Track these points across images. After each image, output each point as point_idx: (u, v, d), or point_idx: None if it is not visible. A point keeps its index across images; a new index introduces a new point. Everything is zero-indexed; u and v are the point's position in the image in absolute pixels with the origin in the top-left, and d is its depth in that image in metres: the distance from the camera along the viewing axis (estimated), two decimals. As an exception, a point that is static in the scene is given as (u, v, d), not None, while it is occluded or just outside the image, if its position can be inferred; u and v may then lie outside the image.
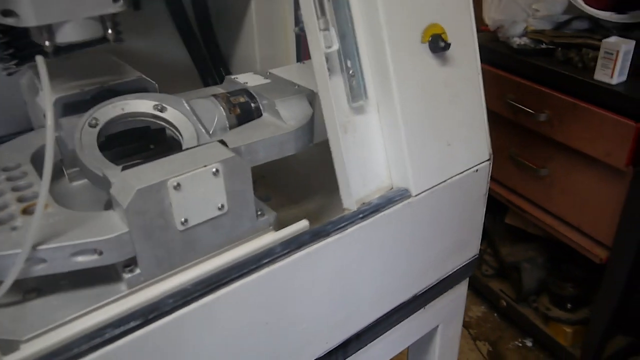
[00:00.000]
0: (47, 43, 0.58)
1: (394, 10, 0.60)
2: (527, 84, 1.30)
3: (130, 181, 0.50)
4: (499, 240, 1.66)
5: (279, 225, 0.61)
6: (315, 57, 0.59)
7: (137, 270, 0.53)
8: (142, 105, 0.66)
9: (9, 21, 0.55)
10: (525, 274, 1.55)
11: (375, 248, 0.64)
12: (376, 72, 0.62)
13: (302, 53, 0.95)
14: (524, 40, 1.33)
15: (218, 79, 1.03)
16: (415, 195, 0.65)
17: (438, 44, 0.63)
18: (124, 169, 0.53)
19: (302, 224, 0.61)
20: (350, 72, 0.60)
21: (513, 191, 1.47)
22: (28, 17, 0.55)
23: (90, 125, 0.62)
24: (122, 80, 0.70)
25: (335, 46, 0.58)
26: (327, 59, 0.58)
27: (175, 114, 0.66)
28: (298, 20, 0.90)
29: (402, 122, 0.62)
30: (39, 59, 0.48)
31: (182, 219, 0.53)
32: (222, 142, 0.58)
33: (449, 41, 0.63)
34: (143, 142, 0.75)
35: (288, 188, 0.84)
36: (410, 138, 0.63)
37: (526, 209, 1.43)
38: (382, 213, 0.62)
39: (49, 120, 0.47)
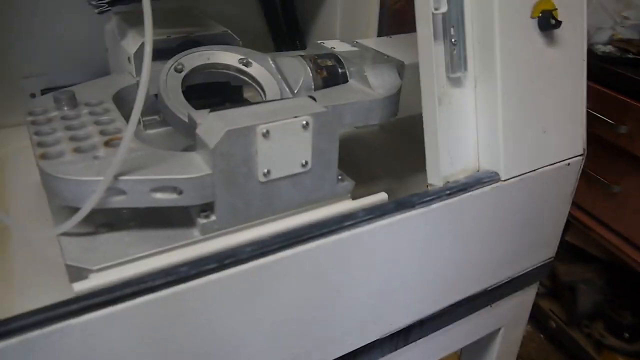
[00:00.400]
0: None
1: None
2: (609, 93, 1.23)
3: (219, 122, 0.48)
4: (557, 257, 1.59)
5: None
6: (421, 17, 0.55)
7: (213, 217, 0.51)
8: (227, 57, 0.64)
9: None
10: (580, 296, 1.47)
11: (457, 230, 0.60)
12: (479, 42, 0.58)
13: (384, 31, 0.92)
14: (609, 49, 1.27)
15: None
16: (505, 180, 0.61)
17: (548, 21, 0.59)
18: (212, 111, 0.51)
19: (381, 196, 0.59)
20: (453, 40, 0.57)
21: (579, 207, 1.40)
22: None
23: (176, 70, 0.61)
24: (208, 32, 0.69)
25: (444, 8, 0.54)
26: (433, 22, 0.55)
27: (259, 70, 0.64)
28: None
29: (500, 100, 0.58)
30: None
31: (265, 170, 0.51)
32: (312, 98, 0.55)
33: (559, 19, 0.59)
34: (220, 98, 0.73)
35: (350, 170, 0.82)
36: (507, 118, 0.59)
37: (592, 226, 1.35)
38: (469, 193, 0.58)
39: (147, 47, 0.45)
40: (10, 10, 0.84)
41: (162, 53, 0.65)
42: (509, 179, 0.61)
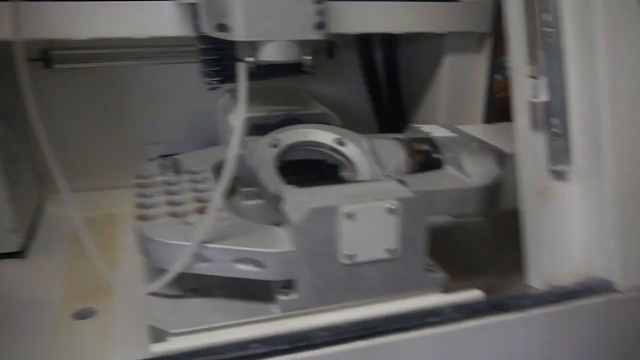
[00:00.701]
0: (249, 59, 0.60)
1: (617, 70, 0.53)
2: None
3: (303, 199, 0.49)
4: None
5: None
6: (518, 105, 0.53)
7: (294, 295, 0.50)
8: (323, 136, 0.66)
9: (221, 35, 0.59)
10: None
11: (556, 345, 0.54)
12: (586, 133, 0.54)
13: (491, 119, 0.90)
14: None
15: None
16: (621, 291, 0.54)
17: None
18: (300, 187, 0.52)
19: (476, 293, 0.55)
20: (555, 130, 0.54)
21: None
22: (239, 32, 0.57)
23: (271, 145, 0.63)
24: (308, 111, 0.71)
25: (543, 97, 0.52)
26: (531, 111, 0.53)
27: (354, 150, 0.65)
28: (498, 69, 0.86)
29: (613, 197, 0.53)
30: (240, 66, 0.50)
31: (349, 253, 0.50)
32: (402, 181, 0.54)
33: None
34: (315, 175, 0.75)
35: (446, 260, 0.78)
36: (622, 218, 0.54)
37: None
38: (578, 302, 0.53)
39: (238, 122, 0.47)
40: (141, 85, 0.93)
41: (262, 129, 0.68)
42: (626, 290, 0.54)
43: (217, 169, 0.65)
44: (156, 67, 0.92)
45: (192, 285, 0.54)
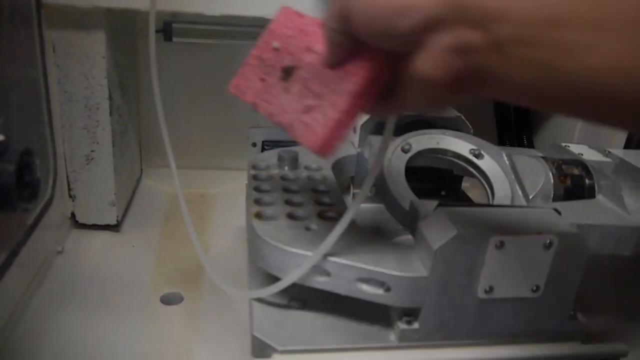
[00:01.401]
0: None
1: None
2: None
3: (447, 222, 0.42)
4: None
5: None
6: None
7: (416, 325, 0.44)
8: (458, 145, 0.59)
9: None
10: None
11: None
12: None
13: (634, 141, 0.79)
14: None
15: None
16: None
17: None
18: (439, 205, 0.46)
19: (618, 347, 0.47)
20: None
21: None
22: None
23: (403, 150, 0.57)
24: (440, 115, 0.64)
25: None
26: None
27: (491, 165, 0.57)
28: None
29: None
30: None
31: (488, 286, 0.43)
32: (557, 211, 0.47)
33: None
34: (435, 185, 0.68)
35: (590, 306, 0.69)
36: None
37: None
38: None
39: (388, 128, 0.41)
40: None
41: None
42: None
43: (335, 167, 0.60)
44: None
45: (299, 296, 0.48)
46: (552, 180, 0.55)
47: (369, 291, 0.43)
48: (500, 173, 0.56)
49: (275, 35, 0.38)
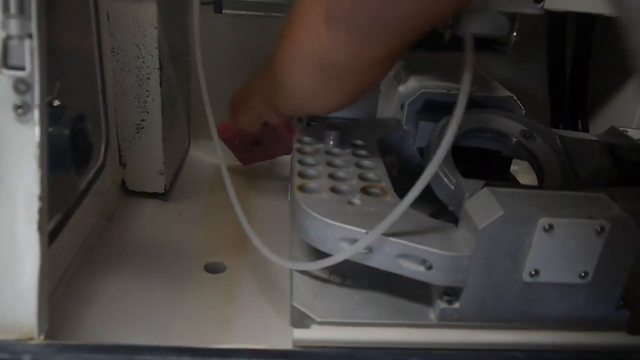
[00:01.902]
0: (447, 30, 0.53)
1: None
2: None
3: (494, 201, 0.41)
4: None
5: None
6: None
7: (456, 304, 0.44)
8: (509, 125, 0.57)
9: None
10: None
11: None
12: None
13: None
14: None
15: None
16: None
17: None
18: (486, 185, 0.45)
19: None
20: None
21: None
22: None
23: (451, 128, 0.55)
24: (491, 94, 0.62)
25: None
26: None
27: (542, 147, 0.56)
28: None
29: None
30: (468, 36, 0.42)
31: (533, 270, 0.42)
32: (612, 198, 0.45)
33: None
34: (482, 167, 0.66)
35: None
36: None
37: None
38: None
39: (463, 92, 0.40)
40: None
41: (436, 106, 0.60)
42: None
43: (380, 144, 0.59)
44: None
45: (339, 270, 0.49)
46: (606, 165, 0.53)
47: (410, 268, 0.43)
48: (552, 156, 0.55)
49: None
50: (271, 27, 0.84)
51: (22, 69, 0.34)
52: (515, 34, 0.53)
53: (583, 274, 0.42)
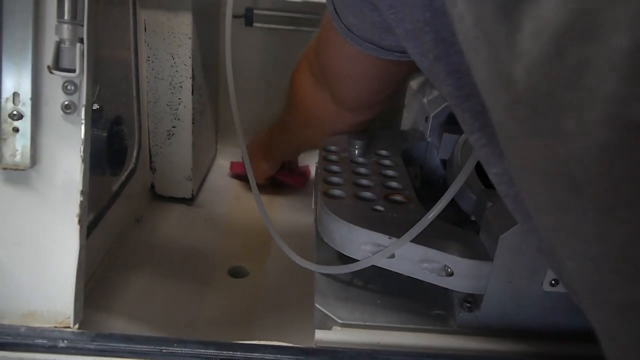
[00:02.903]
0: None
1: None
2: None
3: (515, 210, 0.42)
4: None
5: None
6: None
7: (477, 312, 0.44)
8: (532, 139, 0.58)
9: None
10: None
11: None
12: None
13: None
14: None
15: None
16: None
17: None
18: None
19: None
20: None
21: None
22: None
23: (474, 141, 0.57)
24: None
25: None
26: None
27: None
28: None
29: None
30: None
31: (553, 279, 0.42)
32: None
33: None
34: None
35: None
36: None
37: None
38: None
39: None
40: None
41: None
42: None
43: (404, 154, 0.61)
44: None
45: (362, 274, 0.50)
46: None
47: (431, 274, 0.44)
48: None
49: None
50: (299, 41, 0.88)
51: (73, 70, 0.36)
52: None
53: (603, 286, 0.43)
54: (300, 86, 0.64)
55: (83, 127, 0.38)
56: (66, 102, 0.37)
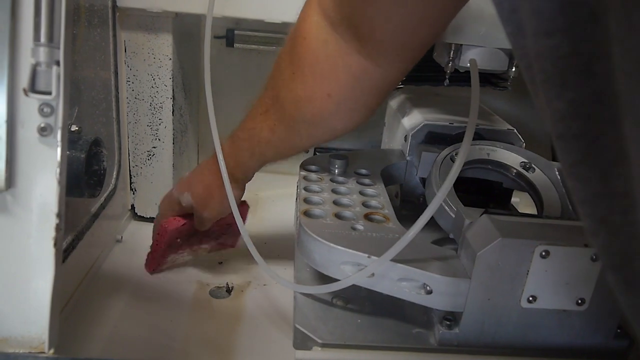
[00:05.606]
0: (449, 64, 0.55)
1: None
2: None
3: (492, 228, 0.43)
4: None
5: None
6: None
7: (456, 329, 0.44)
8: (509, 157, 0.59)
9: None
10: None
11: None
12: None
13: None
14: None
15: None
16: None
17: None
18: (485, 213, 0.46)
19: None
20: None
21: None
22: (445, 34, 0.53)
23: (452, 160, 0.57)
24: (492, 127, 0.64)
25: None
26: None
27: (541, 179, 0.57)
28: None
29: None
30: (473, 62, 0.45)
31: (531, 296, 0.43)
32: (607, 227, 0.46)
33: None
34: (484, 197, 0.68)
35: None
36: None
37: None
38: None
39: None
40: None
41: (439, 138, 0.62)
42: None
43: (384, 173, 0.61)
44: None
45: (342, 293, 0.50)
46: (604, 197, 0.55)
47: (410, 292, 0.44)
48: (551, 187, 0.56)
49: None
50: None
51: (49, 93, 0.36)
52: (514, 69, 0.56)
53: (580, 301, 0.43)
54: (311, 38, 0.48)
55: (59, 149, 0.38)
56: (42, 125, 0.37)
